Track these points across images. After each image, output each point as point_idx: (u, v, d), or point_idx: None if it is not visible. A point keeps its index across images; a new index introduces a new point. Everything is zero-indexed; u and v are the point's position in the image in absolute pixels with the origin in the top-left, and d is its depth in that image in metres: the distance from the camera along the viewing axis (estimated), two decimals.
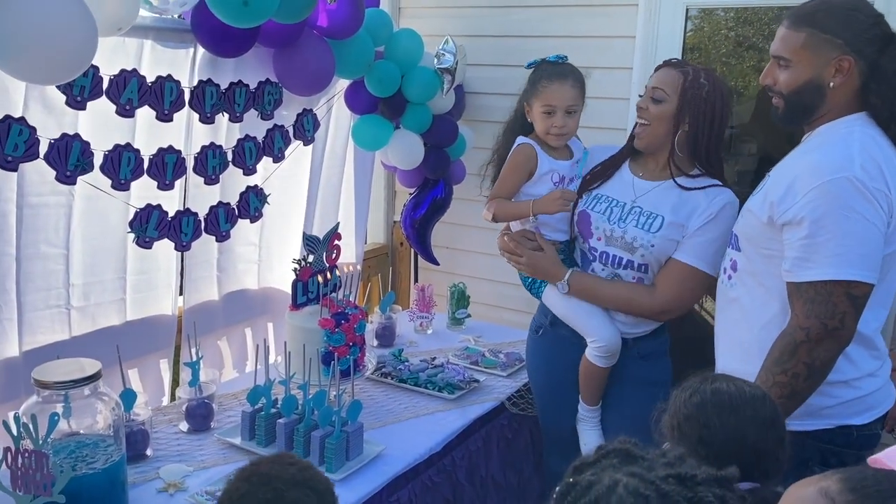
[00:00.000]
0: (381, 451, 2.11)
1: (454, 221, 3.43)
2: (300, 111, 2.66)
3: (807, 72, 1.76)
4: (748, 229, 1.87)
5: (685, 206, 2.15)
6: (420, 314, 3.16)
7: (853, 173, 1.63)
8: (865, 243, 1.65)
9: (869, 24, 1.73)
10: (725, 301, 1.97)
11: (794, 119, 1.85)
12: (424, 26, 3.11)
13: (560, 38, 3.16)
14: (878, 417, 1.84)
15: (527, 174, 2.34)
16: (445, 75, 2.89)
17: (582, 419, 2.41)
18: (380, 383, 2.59)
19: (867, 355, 1.80)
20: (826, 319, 1.66)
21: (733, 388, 1.41)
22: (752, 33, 3.38)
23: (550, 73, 2.29)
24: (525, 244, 2.34)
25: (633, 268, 2.22)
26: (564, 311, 2.34)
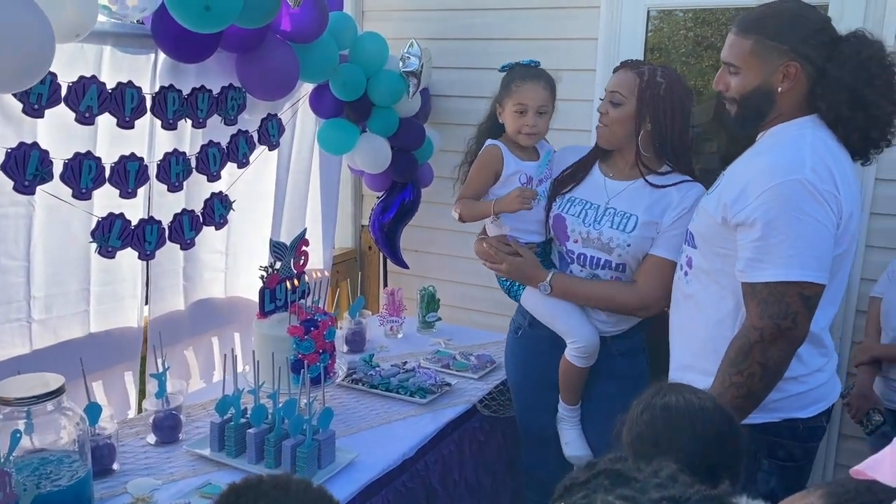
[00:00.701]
0: (353, 458, 2.09)
1: (423, 224, 3.42)
2: (264, 116, 2.64)
3: (755, 78, 1.79)
4: (703, 228, 1.90)
5: (658, 205, 2.19)
6: (390, 318, 3.14)
7: (804, 176, 1.67)
8: (817, 245, 1.68)
9: (815, 29, 1.76)
10: (681, 297, 2.00)
11: (747, 123, 1.88)
12: (388, 29, 3.10)
13: (524, 40, 3.17)
14: (824, 411, 1.88)
15: (493, 175, 2.35)
16: (411, 78, 2.88)
17: (562, 419, 2.42)
18: (351, 390, 2.57)
19: (815, 353, 1.84)
20: (779, 320, 1.69)
21: (682, 402, 1.38)
22: (711, 33, 3.43)
23: (524, 74, 2.31)
24: (503, 249, 2.35)
25: (610, 268, 2.24)
26: (543, 313, 2.36)
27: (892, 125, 1.78)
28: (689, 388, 1.46)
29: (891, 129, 1.79)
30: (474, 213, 2.38)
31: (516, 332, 2.51)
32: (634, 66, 2.21)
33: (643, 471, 0.94)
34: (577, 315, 2.30)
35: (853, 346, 2.79)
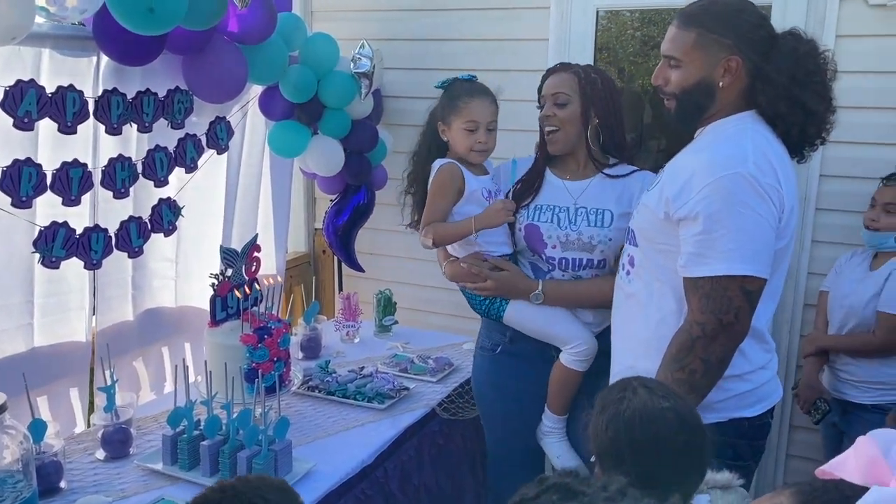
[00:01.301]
0: (311, 467, 2.06)
1: (377, 227, 3.39)
2: (213, 119, 2.58)
3: (697, 72, 1.79)
4: (645, 225, 1.89)
5: (624, 195, 2.21)
6: (346, 323, 3.10)
7: (746, 170, 1.66)
8: (758, 239, 1.68)
9: (754, 25, 1.77)
10: (623, 296, 1.98)
11: (687, 118, 1.88)
12: (338, 30, 3.06)
13: (475, 41, 3.17)
14: (769, 409, 1.88)
15: (456, 194, 2.28)
16: (363, 79, 2.85)
17: (549, 432, 2.35)
18: (307, 397, 2.53)
19: (759, 349, 1.84)
20: (721, 314, 1.69)
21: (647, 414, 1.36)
22: (657, 33, 3.47)
23: (470, 90, 2.27)
24: (484, 266, 2.27)
25: (592, 266, 2.24)
26: (536, 323, 2.28)
27: (827, 122, 1.81)
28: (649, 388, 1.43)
29: (826, 126, 1.81)
30: (451, 234, 2.29)
31: (494, 349, 2.41)
32: (566, 67, 2.23)
33: (592, 485, 0.94)
34: (571, 319, 2.27)
35: (801, 339, 2.85)
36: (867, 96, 2.57)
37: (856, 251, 2.71)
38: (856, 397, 2.60)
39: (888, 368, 2.52)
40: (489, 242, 2.31)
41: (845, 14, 2.65)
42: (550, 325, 2.27)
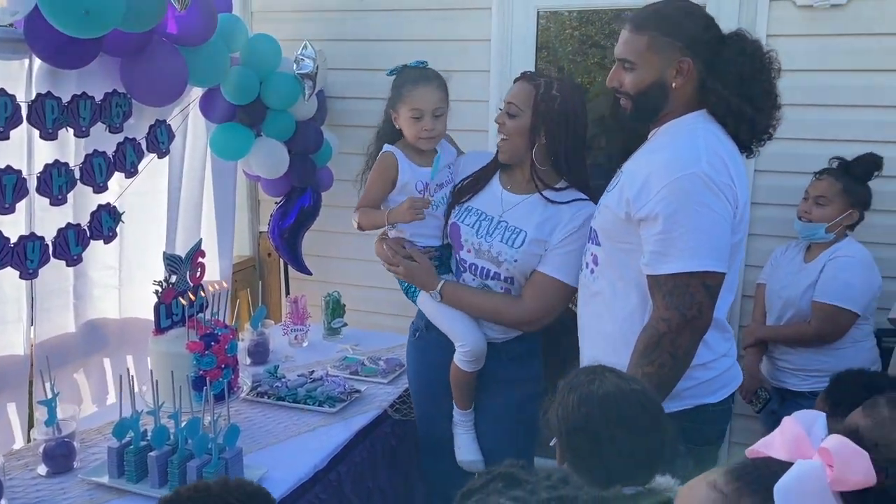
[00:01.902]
0: (263, 474, 2.03)
1: (324, 229, 3.37)
2: (153, 122, 2.51)
3: (651, 74, 1.85)
4: (606, 225, 1.94)
5: (549, 222, 2.18)
6: (294, 327, 3.07)
7: (701, 169, 1.73)
8: (716, 235, 1.75)
9: (703, 27, 1.84)
10: (588, 294, 2.03)
11: (642, 119, 1.94)
12: (280, 31, 3.03)
13: (419, 41, 3.18)
14: (731, 394, 1.98)
15: (390, 183, 2.30)
16: (306, 80, 2.83)
17: (457, 423, 2.41)
18: (256, 403, 2.50)
19: (720, 338, 1.92)
20: (685, 310, 1.75)
21: (620, 394, 1.42)
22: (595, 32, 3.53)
23: (415, 78, 2.28)
24: (400, 252, 2.33)
25: (500, 279, 2.24)
26: (435, 316, 2.35)
27: (774, 118, 1.88)
28: (618, 374, 1.50)
29: (772, 122, 1.88)
30: (371, 222, 2.35)
31: (414, 334, 2.50)
32: (532, 77, 2.20)
33: (537, 474, 0.97)
34: (466, 319, 2.29)
35: (741, 329, 2.94)
36: (798, 94, 2.66)
37: (790, 244, 2.81)
38: (794, 385, 2.70)
39: (824, 356, 2.62)
40: (418, 234, 2.34)
41: (775, 15, 2.76)
42: (445, 319, 2.32)
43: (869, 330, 2.66)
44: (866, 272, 2.58)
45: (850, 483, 0.84)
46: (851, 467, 0.84)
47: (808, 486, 0.84)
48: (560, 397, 1.49)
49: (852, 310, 2.55)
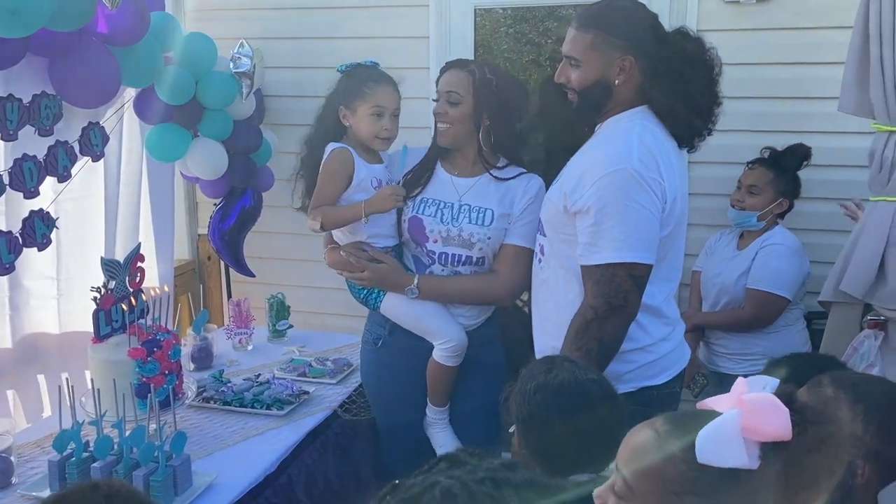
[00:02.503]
0: (212, 480, 2.00)
1: (266, 230, 3.32)
2: (85, 125, 2.43)
3: (595, 71, 1.91)
4: (550, 216, 2.01)
5: (507, 197, 2.25)
6: (238, 331, 3.02)
7: (631, 165, 1.81)
8: (643, 229, 1.83)
9: (647, 25, 1.91)
10: (537, 283, 2.11)
11: (587, 114, 2.00)
12: (215, 30, 2.97)
13: (357, 39, 3.17)
14: (675, 376, 2.05)
15: (346, 180, 2.27)
16: (244, 80, 2.79)
17: (432, 423, 2.40)
18: (203, 409, 2.45)
19: (658, 323, 1.99)
20: (611, 298, 1.83)
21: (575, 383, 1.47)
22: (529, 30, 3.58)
23: (376, 77, 2.27)
24: (363, 256, 2.29)
25: (471, 263, 2.27)
26: (410, 317, 2.32)
27: (714, 114, 1.97)
28: (574, 363, 1.55)
29: (712, 118, 1.97)
30: (339, 218, 2.28)
31: (376, 343, 2.44)
32: (463, 64, 2.25)
33: (483, 459, 1.00)
34: (444, 315, 2.30)
35: None
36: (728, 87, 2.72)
37: (724, 232, 2.91)
38: (730, 369, 2.79)
39: (758, 340, 2.72)
40: (376, 234, 2.32)
41: (704, 10, 2.85)
42: (422, 319, 2.31)
43: (799, 314, 2.78)
44: (796, 259, 2.69)
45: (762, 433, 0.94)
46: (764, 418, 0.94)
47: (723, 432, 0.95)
48: (519, 385, 1.54)
49: (784, 295, 2.65)
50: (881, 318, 2.21)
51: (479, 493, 0.91)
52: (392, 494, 0.95)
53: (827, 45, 2.68)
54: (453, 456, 1.01)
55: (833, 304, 2.30)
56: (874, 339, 2.20)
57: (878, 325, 2.22)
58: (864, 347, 2.19)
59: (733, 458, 0.95)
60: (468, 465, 0.98)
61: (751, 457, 0.95)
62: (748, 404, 0.97)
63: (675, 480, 1.00)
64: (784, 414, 0.95)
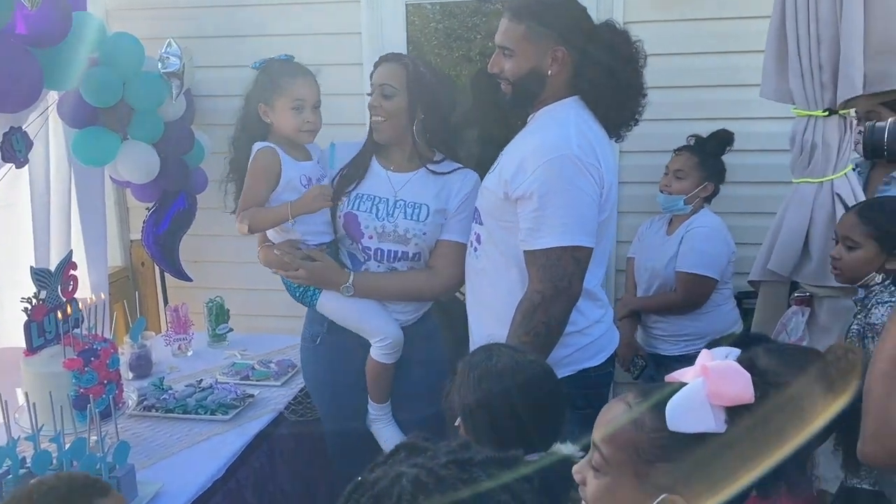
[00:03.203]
0: (158, 489, 1.96)
1: (202, 233, 3.26)
2: (6, 130, 2.34)
3: (529, 61, 1.95)
4: (488, 205, 2.04)
5: (443, 192, 2.27)
6: (177, 336, 2.96)
7: (571, 151, 1.86)
8: (584, 213, 1.89)
9: (577, 17, 1.96)
10: (474, 272, 2.14)
11: (521, 103, 2.04)
12: (140, 29, 2.89)
13: (288, 36, 3.12)
14: (609, 357, 2.12)
15: (274, 179, 2.24)
16: (173, 80, 2.73)
17: (375, 419, 2.40)
18: (144, 418, 2.39)
19: (593, 306, 2.06)
20: (556, 281, 1.88)
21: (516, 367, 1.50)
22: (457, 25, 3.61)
23: (292, 70, 2.25)
24: (297, 255, 2.26)
25: (407, 258, 2.28)
26: (345, 315, 2.32)
27: (640, 105, 2.03)
28: (513, 349, 1.57)
29: (639, 108, 2.03)
30: (266, 221, 2.26)
31: (314, 340, 2.43)
32: (396, 58, 2.25)
33: (438, 442, 1.02)
34: (379, 312, 2.30)
35: (616, 303, 3.11)
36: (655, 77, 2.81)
37: (654, 219, 3.00)
38: (667, 350, 2.89)
39: (691, 321, 2.82)
40: (310, 232, 2.30)
41: (630, 3, 2.93)
42: (358, 317, 2.31)
43: (729, 294, 2.89)
44: (719, 240, 2.80)
45: (727, 397, 1.00)
46: (726, 382, 1.00)
47: (691, 400, 1.01)
48: (460, 377, 1.55)
49: (710, 276, 2.75)
50: (807, 295, 2.32)
51: (447, 477, 0.93)
52: (358, 492, 0.96)
53: (748, 35, 2.78)
54: (411, 444, 1.02)
55: (762, 283, 2.40)
56: (801, 315, 2.31)
57: (805, 301, 2.33)
58: (792, 323, 2.29)
59: (702, 424, 1.00)
60: (428, 451, 1.00)
61: (717, 421, 1.00)
62: (712, 372, 1.02)
63: (647, 449, 1.05)
64: (745, 378, 1.01)
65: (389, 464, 0.99)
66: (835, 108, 2.09)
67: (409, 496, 0.91)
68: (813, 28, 2.05)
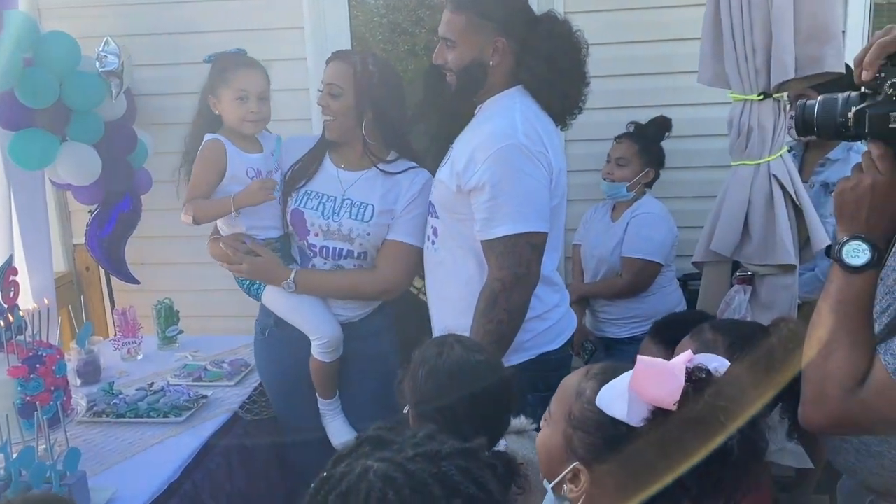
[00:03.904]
0: (112, 494, 1.92)
1: (148, 234, 3.21)
2: None
3: (470, 52, 1.97)
4: (442, 198, 2.05)
5: (392, 192, 2.26)
6: (125, 340, 2.89)
7: (518, 140, 1.88)
8: (536, 199, 1.91)
9: (518, 9, 1.99)
10: (433, 265, 2.15)
11: (466, 94, 2.05)
12: (75, 28, 2.82)
13: (230, 32, 3.09)
14: (568, 341, 2.16)
15: (220, 171, 2.25)
16: (112, 79, 2.67)
17: (324, 414, 2.41)
18: (95, 424, 2.33)
19: (550, 291, 2.09)
20: (516, 268, 1.90)
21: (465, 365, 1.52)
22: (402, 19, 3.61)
23: (238, 62, 2.26)
24: (240, 249, 2.26)
25: (353, 257, 2.28)
26: (285, 311, 2.33)
27: (583, 93, 2.07)
28: (463, 343, 1.59)
29: (582, 96, 2.07)
30: (210, 213, 2.26)
31: (263, 332, 2.46)
32: (346, 56, 2.25)
33: (402, 434, 1.02)
34: (318, 310, 2.30)
35: None
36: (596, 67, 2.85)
37: (598, 206, 3.06)
38: (615, 333, 2.95)
39: (637, 304, 2.89)
40: (256, 226, 2.30)
41: None
42: (297, 314, 2.32)
43: (672, 276, 2.96)
44: (664, 225, 2.87)
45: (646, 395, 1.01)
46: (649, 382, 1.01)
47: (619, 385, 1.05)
48: (412, 369, 1.56)
49: (656, 261, 2.83)
50: (748, 274, 2.38)
51: (416, 472, 0.92)
52: (324, 489, 0.95)
53: (684, 23, 2.86)
54: (375, 436, 1.01)
55: (705, 264, 2.46)
56: (743, 294, 2.37)
57: (746, 280, 2.39)
58: (735, 302, 2.35)
59: (617, 410, 1.03)
60: (393, 443, 0.99)
61: (631, 413, 1.02)
62: (641, 365, 1.03)
63: (576, 416, 1.09)
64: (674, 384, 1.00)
65: (354, 457, 0.98)
66: (769, 91, 2.15)
67: (378, 492, 0.90)
68: (746, 14, 2.10)
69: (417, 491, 0.91)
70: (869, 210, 1.25)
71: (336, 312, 2.34)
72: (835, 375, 1.23)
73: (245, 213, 2.26)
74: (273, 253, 2.30)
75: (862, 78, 1.24)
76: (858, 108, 1.25)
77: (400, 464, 0.93)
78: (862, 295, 1.25)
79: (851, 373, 1.22)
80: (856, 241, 1.24)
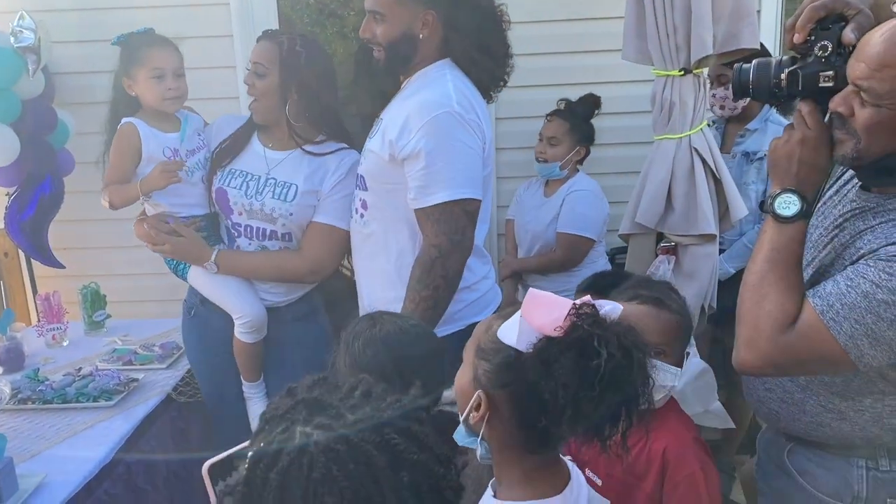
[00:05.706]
0: (40, 480, 1.89)
1: (72, 218, 3.10)
2: None
3: (399, 25, 1.97)
4: (372, 169, 2.04)
5: (317, 173, 2.24)
6: (50, 326, 2.82)
7: (452, 108, 1.90)
8: (470, 167, 1.94)
9: None
10: (361, 238, 2.14)
11: (394, 68, 2.05)
12: None
13: (150, 8, 3.02)
14: (495, 312, 2.18)
15: (135, 155, 2.21)
16: (28, 55, 2.58)
17: (249, 397, 2.40)
18: (20, 412, 2.27)
19: (479, 262, 2.13)
20: (452, 234, 1.93)
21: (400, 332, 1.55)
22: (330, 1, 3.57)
23: (149, 40, 2.21)
24: (162, 229, 2.23)
25: (277, 238, 2.26)
26: (210, 291, 2.31)
27: (508, 66, 2.10)
28: (395, 315, 1.62)
29: (507, 69, 2.10)
30: (124, 197, 2.24)
31: (189, 311, 2.43)
32: (274, 36, 2.21)
33: (338, 392, 0.99)
34: (242, 290, 2.28)
35: (499, 264, 3.21)
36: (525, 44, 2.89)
37: (531, 181, 3.11)
38: None
39: (568, 277, 2.96)
40: (178, 204, 2.28)
41: None
42: (220, 293, 2.30)
43: (602, 250, 3.05)
44: (598, 202, 2.96)
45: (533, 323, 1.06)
46: (534, 310, 1.07)
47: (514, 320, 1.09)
48: (345, 346, 1.57)
49: (590, 237, 2.91)
50: (671, 244, 2.48)
51: (359, 443, 0.90)
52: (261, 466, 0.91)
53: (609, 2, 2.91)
54: (312, 399, 0.97)
55: (631, 236, 2.54)
56: (668, 264, 2.47)
57: (670, 250, 2.49)
58: (659, 271, 2.44)
59: (509, 337, 1.09)
60: (330, 407, 0.95)
61: (520, 339, 1.07)
62: (531, 296, 1.09)
63: (481, 345, 1.15)
64: (558, 312, 1.05)
65: (290, 419, 0.94)
66: (689, 67, 2.23)
67: (322, 467, 0.88)
68: None
69: (362, 463, 0.90)
70: (798, 164, 1.35)
71: (262, 297, 2.32)
72: (768, 317, 1.33)
73: (166, 191, 2.22)
74: (196, 233, 2.27)
75: (794, 41, 1.34)
76: (791, 69, 1.35)
77: (341, 435, 0.91)
78: (792, 244, 1.36)
79: (783, 315, 1.32)
80: (787, 193, 1.35)
